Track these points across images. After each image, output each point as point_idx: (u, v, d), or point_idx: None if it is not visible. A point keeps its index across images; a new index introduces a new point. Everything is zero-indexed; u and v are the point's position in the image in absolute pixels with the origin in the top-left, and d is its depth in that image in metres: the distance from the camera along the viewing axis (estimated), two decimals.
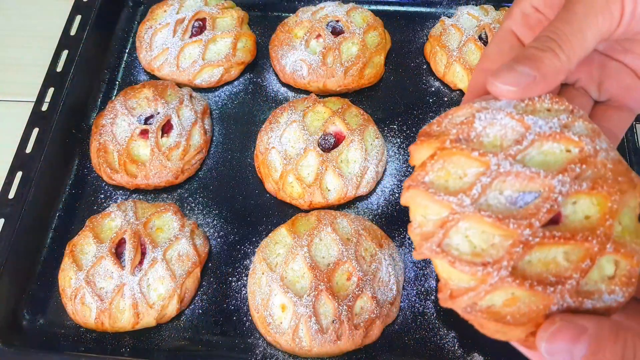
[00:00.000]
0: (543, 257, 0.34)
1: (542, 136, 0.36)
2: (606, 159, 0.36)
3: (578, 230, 0.34)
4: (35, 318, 0.73)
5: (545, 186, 0.35)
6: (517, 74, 0.37)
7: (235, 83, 0.92)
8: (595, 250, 0.34)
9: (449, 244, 0.35)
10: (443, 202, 0.35)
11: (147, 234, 0.73)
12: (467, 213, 0.34)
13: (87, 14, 0.92)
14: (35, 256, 0.77)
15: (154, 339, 0.71)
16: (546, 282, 0.33)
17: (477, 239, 0.35)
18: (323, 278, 0.67)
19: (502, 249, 0.34)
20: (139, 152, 0.82)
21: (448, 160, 0.37)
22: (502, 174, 0.35)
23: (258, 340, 0.70)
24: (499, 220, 0.34)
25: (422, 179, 0.36)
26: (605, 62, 0.47)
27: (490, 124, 0.37)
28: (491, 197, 0.35)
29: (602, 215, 0.35)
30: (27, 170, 0.78)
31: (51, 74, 0.86)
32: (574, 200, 0.35)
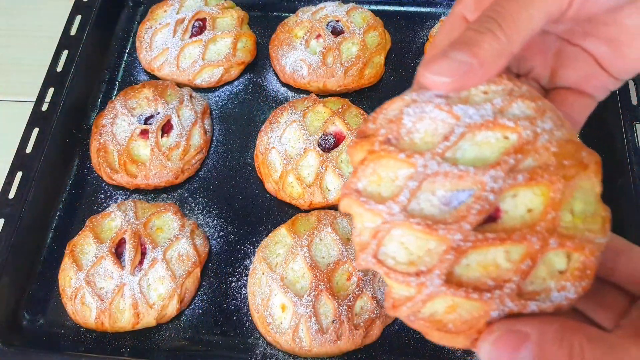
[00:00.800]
0: (482, 259, 0.32)
1: (473, 127, 0.33)
2: (549, 142, 0.33)
3: (517, 228, 0.31)
4: (35, 318, 0.73)
5: (477, 183, 0.32)
6: (451, 61, 0.33)
7: (235, 83, 0.92)
8: (537, 248, 0.31)
9: (385, 252, 0.33)
10: (374, 211, 0.33)
11: (147, 234, 0.73)
12: (397, 221, 0.32)
13: (87, 14, 0.92)
14: (35, 256, 0.77)
15: (154, 339, 0.71)
16: (482, 288, 0.31)
17: (413, 246, 0.33)
18: (323, 278, 0.67)
19: (436, 255, 0.32)
20: (139, 152, 0.82)
21: (378, 164, 0.34)
22: (430, 175, 0.32)
23: (258, 340, 0.70)
24: (428, 227, 0.32)
25: (354, 187, 0.34)
26: (562, 48, 0.44)
27: (419, 118, 0.34)
28: (423, 200, 0.33)
29: (545, 207, 0.32)
30: (27, 170, 0.78)
31: (51, 74, 0.86)
32: (513, 193, 0.32)
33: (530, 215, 0.32)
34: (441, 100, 0.34)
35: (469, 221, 0.31)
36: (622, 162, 0.74)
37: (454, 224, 0.31)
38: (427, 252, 0.32)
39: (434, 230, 0.31)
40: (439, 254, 0.32)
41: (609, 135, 0.78)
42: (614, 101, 0.78)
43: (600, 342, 0.30)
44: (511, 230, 0.31)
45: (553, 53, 0.44)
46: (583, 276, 0.32)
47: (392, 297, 0.34)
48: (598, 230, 0.33)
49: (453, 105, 0.34)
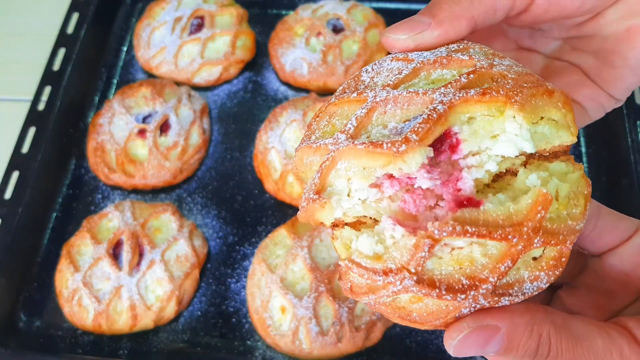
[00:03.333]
0: (456, 253, 0.29)
1: (427, 64, 0.31)
2: (507, 71, 0.30)
3: (499, 223, 0.28)
4: (32, 320, 0.73)
5: (427, 102, 0.29)
6: (410, 22, 0.34)
7: (234, 82, 0.91)
8: (519, 248, 0.28)
9: (331, 191, 0.31)
10: (320, 147, 0.30)
11: (145, 235, 0.72)
12: (341, 149, 0.29)
13: (85, 11, 0.91)
14: (31, 257, 0.76)
15: (151, 342, 0.70)
16: (457, 289, 0.28)
17: (360, 174, 0.29)
18: (323, 279, 0.67)
19: (405, 250, 0.29)
20: (136, 151, 0.81)
21: (333, 115, 0.33)
22: (379, 103, 0.30)
23: (257, 342, 0.70)
24: (372, 145, 0.28)
25: (307, 140, 0.32)
26: (550, 63, 0.44)
27: (377, 73, 0.33)
28: (374, 133, 0.30)
29: (533, 203, 0.28)
30: (23, 170, 0.77)
31: (48, 72, 0.85)
32: (469, 116, 0.29)
33: (515, 208, 0.28)
34: (399, 54, 0.34)
35: (417, 131, 0.28)
36: (626, 162, 0.73)
37: (400, 137, 0.28)
38: (394, 245, 0.29)
39: (378, 146, 0.28)
40: (409, 248, 0.28)
41: (613, 134, 0.77)
42: None
43: (567, 332, 0.31)
44: (493, 224, 0.28)
45: (539, 69, 0.45)
46: (557, 264, 0.31)
47: (349, 281, 0.32)
48: (579, 215, 0.31)
49: (409, 54, 0.33)
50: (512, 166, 0.31)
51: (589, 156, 0.80)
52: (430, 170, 0.29)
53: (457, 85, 0.29)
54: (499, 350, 0.31)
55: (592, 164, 0.80)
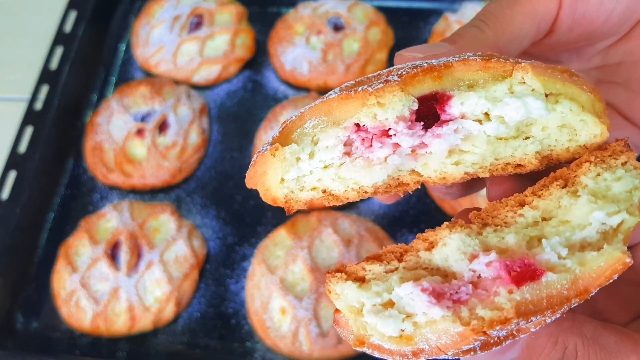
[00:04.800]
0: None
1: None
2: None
3: (563, 298, 0.25)
4: (29, 321, 0.72)
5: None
6: (430, 46, 0.33)
7: (233, 81, 0.91)
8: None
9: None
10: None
11: (143, 236, 0.71)
12: (312, 105, 0.28)
13: (82, 9, 0.90)
14: (29, 258, 0.76)
15: (150, 343, 0.70)
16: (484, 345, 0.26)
17: (327, 154, 0.28)
18: (324, 280, 0.66)
19: (446, 336, 0.26)
20: (135, 151, 0.80)
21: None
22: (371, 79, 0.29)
23: (257, 344, 0.69)
24: (346, 90, 0.26)
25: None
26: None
27: None
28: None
29: (607, 268, 0.24)
30: (21, 170, 0.76)
31: (45, 71, 0.84)
32: (469, 82, 0.27)
33: (582, 271, 0.25)
34: None
35: (399, 74, 0.26)
36: None
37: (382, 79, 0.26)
38: (429, 324, 0.26)
39: (351, 90, 0.26)
40: (450, 334, 0.25)
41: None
42: None
43: (597, 345, 0.29)
44: (557, 299, 0.24)
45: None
46: None
47: (356, 336, 0.28)
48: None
49: None
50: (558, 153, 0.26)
51: None
52: (412, 126, 0.26)
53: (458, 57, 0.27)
54: (519, 356, 0.29)
55: None
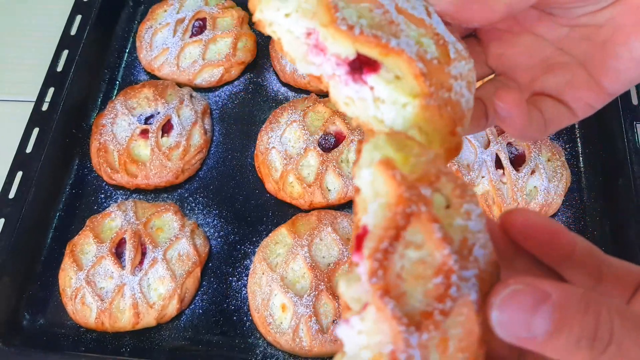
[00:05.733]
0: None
1: (432, 29, 0.34)
2: (455, 90, 0.33)
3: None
4: (36, 318, 0.73)
5: (396, 32, 0.31)
6: None
7: (235, 83, 0.92)
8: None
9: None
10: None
11: (147, 234, 0.73)
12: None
13: (88, 13, 0.92)
14: (35, 256, 0.77)
15: (154, 339, 0.71)
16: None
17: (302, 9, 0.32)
18: (323, 278, 0.67)
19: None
20: (139, 152, 0.82)
21: None
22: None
23: (258, 340, 0.70)
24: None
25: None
26: (551, 56, 0.43)
27: None
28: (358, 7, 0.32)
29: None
30: (27, 170, 0.78)
31: (51, 73, 0.86)
32: (399, 74, 0.32)
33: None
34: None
35: (363, 34, 0.30)
36: (622, 162, 0.74)
37: (353, 20, 0.30)
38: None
39: (344, 20, 0.30)
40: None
41: (610, 135, 0.78)
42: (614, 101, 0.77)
43: (631, 315, 0.26)
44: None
45: (540, 59, 0.43)
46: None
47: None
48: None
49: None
50: None
51: (586, 157, 0.81)
52: (339, 64, 0.31)
53: (419, 51, 0.32)
54: (550, 324, 0.25)
55: (589, 165, 0.80)
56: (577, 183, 0.79)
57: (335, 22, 0.30)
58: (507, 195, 0.74)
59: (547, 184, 0.74)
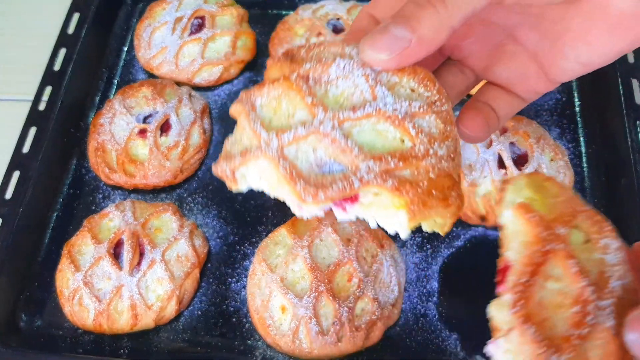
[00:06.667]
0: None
1: (382, 114, 0.34)
2: (432, 167, 0.33)
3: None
4: (33, 319, 0.73)
5: (353, 165, 0.32)
6: (390, 37, 0.32)
7: (234, 82, 0.92)
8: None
9: (244, 173, 0.35)
10: (256, 133, 0.34)
11: (145, 235, 0.72)
12: (268, 154, 0.33)
13: (85, 12, 0.91)
14: (32, 257, 0.77)
15: (152, 341, 0.70)
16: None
17: (270, 182, 0.34)
18: (323, 279, 0.67)
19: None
20: (137, 151, 0.81)
21: (286, 93, 0.35)
22: (320, 134, 0.33)
23: (258, 342, 0.70)
24: (291, 176, 0.32)
25: (253, 99, 0.35)
26: (503, 43, 0.44)
27: (345, 76, 0.35)
28: (302, 150, 0.33)
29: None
30: (24, 170, 0.77)
31: (49, 72, 0.85)
32: (375, 191, 0.33)
33: None
34: (372, 72, 0.35)
35: (327, 195, 0.32)
36: (625, 162, 0.73)
37: (313, 188, 0.32)
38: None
39: (293, 181, 0.32)
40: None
41: (613, 134, 0.77)
42: (617, 100, 0.77)
43: None
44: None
45: (493, 45, 0.44)
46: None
47: None
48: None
49: (378, 84, 0.34)
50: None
51: (589, 156, 0.81)
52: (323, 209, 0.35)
53: (384, 167, 0.33)
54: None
55: (592, 164, 0.80)
56: (580, 183, 0.78)
57: (303, 199, 0.32)
58: None
59: None
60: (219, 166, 0.36)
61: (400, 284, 0.70)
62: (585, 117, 0.83)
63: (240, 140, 0.36)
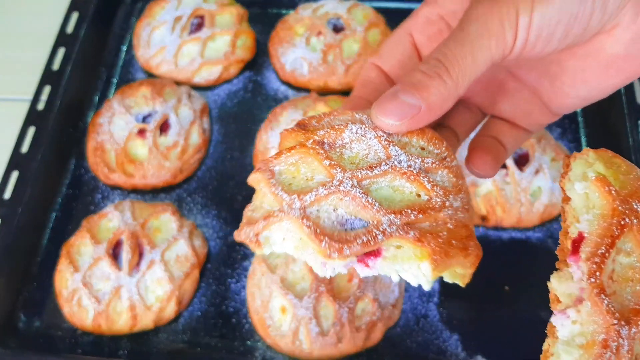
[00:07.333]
0: None
1: (397, 171, 0.36)
2: (449, 218, 0.35)
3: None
4: (32, 320, 0.72)
5: (374, 219, 0.34)
6: (400, 104, 0.35)
7: (234, 81, 0.91)
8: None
9: (267, 236, 0.36)
10: (277, 197, 0.35)
11: (144, 235, 0.72)
12: (291, 215, 0.34)
13: (84, 11, 0.91)
14: (31, 257, 0.76)
15: (151, 342, 0.70)
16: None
17: (293, 244, 0.35)
18: (324, 280, 0.66)
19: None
20: (136, 151, 0.81)
21: (303, 159, 0.37)
22: (341, 192, 0.34)
23: (257, 342, 0.70)
24: (315, 234, 0.33)
25: (272, 167, 0.37)
26: (506, 81, 0.45)
27: (358, 139, 0.37)
28: (324, 210, 0.35)
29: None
30: (23, 170, 0.77)
31: (48, 72, 0.85)
32: (398, 244, 0.34)
33: None
34: (383, 134, 0.37)
35: (352, 249, 0.33)
36: None
37: (338, 243, 0.33)
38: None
39: (318, 238, 0.33)
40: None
41: (614, 134, 0.77)
42: (619, 100, 0.77)
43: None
44: None
45: (495, 84, 0.46)
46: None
47: None
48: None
49: (391, 144, 0.37)
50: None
51: None
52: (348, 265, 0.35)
53: (404, 220, 0.34)
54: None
55: None
56: None
57: (328, 255, 0.33)
58: (510, 195, 0.73)
59: (552, 184, 0.73)
60: (242, 232, 0.36)
61: (401, 284, 0.70)
62: (586, 117, 0.83)
63: (261, 206, 0.37)
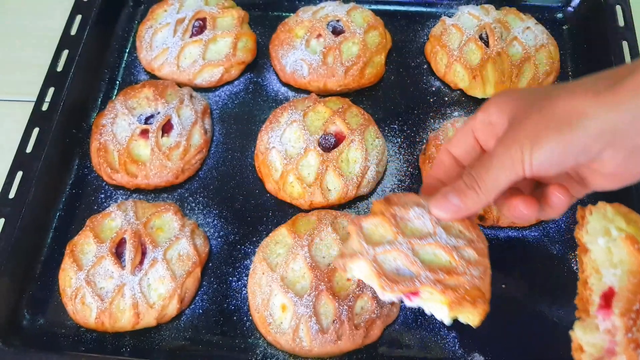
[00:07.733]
0: None
1: (439, 244, 0.53)
2: (468, 282, 0.51)
3: None
4: (36, 318, 0.73)
5: (417, 272, 0.52)
6: (448, 203, 0.52)
7: (235, 83, 0.92)
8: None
9: (351, 267, 0.54)
10: (360, 245, 0.54)
11: (147, 234, 0.73)
12: (366, 258, 0.53)
13: (88, 13, 0.92)
14: (35, 256, 0.77)
15: (154, 339, 0.71)
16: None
17: (366, 275, 0.54)
18: (323, 278, 0.67)
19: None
20: (139, 152, 0.82)
21: (382, 223, 0.55)
22: (399, 250, 0.53)
23: (258, 340, 0.70)
24: (378, 274, 0.52)
25: (362, 223, 0.56)
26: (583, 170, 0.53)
27: (417, 217, 0.55)
28: (388, 259, 0.54)
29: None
30: (27, 170, 0.78)
31: (51, 73, 0.86)
32: (430, 291, 0.51)
33: None
34: (434, 218, 0.55)
35: (399, 288, 0.51)
36: None
37: (391, 283, 0.51)
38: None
39: (379, 277, 0.52)
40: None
41: None
42: None
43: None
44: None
45: (575, 175, 0.54)
46: None
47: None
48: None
49: (438, 226, 0.55)
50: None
51: None
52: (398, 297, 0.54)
53: (436, 277, 0.51)
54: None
55: None
56: None
57: (384, 288, 0.52)
58: None
59: None
60: (339, 260, 0.55)
61: None
62: None
63: (351, 246, 0.55)
